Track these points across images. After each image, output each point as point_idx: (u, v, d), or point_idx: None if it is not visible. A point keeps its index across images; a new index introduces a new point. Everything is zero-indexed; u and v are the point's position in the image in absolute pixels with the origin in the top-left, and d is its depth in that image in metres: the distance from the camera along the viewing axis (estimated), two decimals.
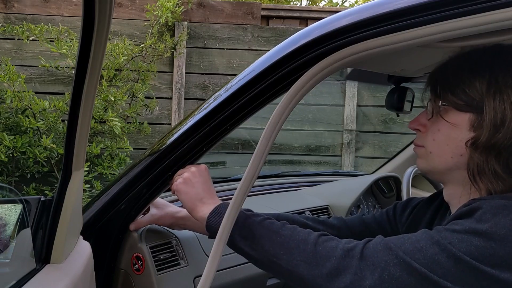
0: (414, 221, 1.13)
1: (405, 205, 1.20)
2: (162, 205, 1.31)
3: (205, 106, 1.16)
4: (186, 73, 4.05)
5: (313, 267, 0.90)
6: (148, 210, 1.30)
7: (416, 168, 1.91)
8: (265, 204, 1.77)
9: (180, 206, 1.29)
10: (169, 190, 1.20)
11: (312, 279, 0.90)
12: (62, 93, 3.73)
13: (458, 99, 0.92)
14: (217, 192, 1.75)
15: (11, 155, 3.26)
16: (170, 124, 4.07)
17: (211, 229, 1.04)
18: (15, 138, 3.22)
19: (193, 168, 1.13)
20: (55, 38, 3.52)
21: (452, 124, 0.93)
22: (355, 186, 2.00)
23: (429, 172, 1.01)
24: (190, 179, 1.11)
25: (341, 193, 1.96)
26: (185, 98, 4.06)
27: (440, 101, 0.95)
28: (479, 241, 0.80)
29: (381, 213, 1.26)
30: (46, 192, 3.50)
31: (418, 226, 1.10)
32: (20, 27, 3.53)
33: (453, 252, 0.81)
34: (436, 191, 1.18)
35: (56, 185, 3.10)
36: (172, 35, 3.97)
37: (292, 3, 6.03)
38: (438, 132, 0.96)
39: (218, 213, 1.04)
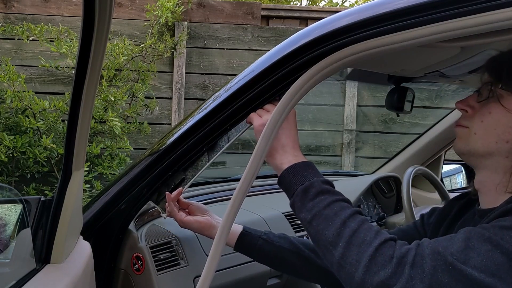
0: (439, 220, 1.12)
1: (433, 210, 1.20)
2: (207, 214, 1.28)
3: (205, 106, 1.16)
4: (186, 73, 4.05)
5: (367, 272, 0.85)
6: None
7: (416, 168, 1.92)
8: (265, 204, 1.77)
9: None
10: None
11: (360, 282, 0.85)
12: (62, 93, 3.73)
13: None
14: (217, 192, 1.76)
15: (11, 155, 3.26)
16: (170, 124, 4.07)
17: (282, 185, 0.99)
18: (15, 138, 3.22)
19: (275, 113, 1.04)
20: (55, 38, 3.52)
21: (506, 109, 0.92)
22: (355, 186, 2.00)
23: (467, 153, 0.99)
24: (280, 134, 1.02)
25: None
26: (185, 98, 4.05)
27: (501, 85, 0.93)
28: None
29: (408, 225, 1.24)
30: (46, 192, 3.50)
31: (442, 223, 1.09)
32: (20, 27, 3.53)
33: (506, 247, 0.79)
34: (436, 191, 1.18)
35: (56, 185, 3.10)
36: (172, 35, 3.97)
37: (292, 3, 6.03)
38: (489, 114, 0.94)
39: (294, 172, 0.97)
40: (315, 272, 1.26)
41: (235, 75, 1.16)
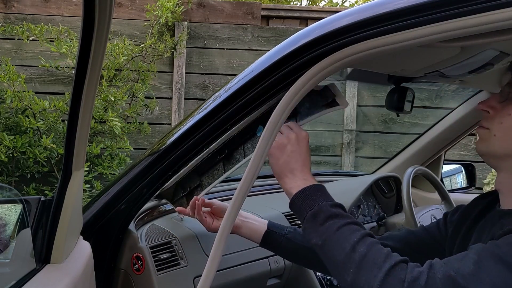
0: (461, 219, 1.11)
1: (457, 208, 1.19)
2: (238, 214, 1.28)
3: (205, 106, 1.16)
4: (186, 73, 4.05)
5: None
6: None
7: (416, 168, 1.92)
8: (265, 204, 1.77)
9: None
10: None
11: None
12: (62, 93, 3.73)
13: None
14: (217, 192, 1.76)
15: (11, 155, 3.26)
16: (170, 124, 4.07)
17: (294, 210, 1.00)
18: (15, 138, 3.22)
19: (293, 135, 1.04)
20: (55, 38, 3.52)
21: None
22: (355, 186, 2.00)
23: (487, 155, 0.99)
24: (286, 145, 1.03)
25: (341, 193, 1.96)
26: (185, 98, 4.05)
27: None
28: None
29: (431, 224, 1.24)
30: (46, 192, 3.50)
31: (464, 222, 1.08)
32: (20, 27, 3.53)
33: None
34: (436, 191, 1.18)
35: (56, 185, 3.10)
36: (172, 35, 3.97)
37: (292, 3, 6.03)
38: (508, 116, 0.94)
39: (304, 196, 0.98)
40: None
41: (235, 75, 1.16)
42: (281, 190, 1.03)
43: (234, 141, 1.22)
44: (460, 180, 2.41)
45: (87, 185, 3.32)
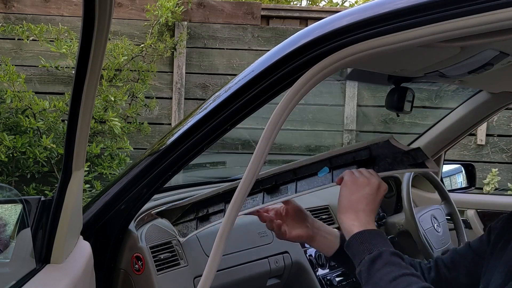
0: (505, 225, 1.10)
1: (501, 217, 1.16)
2: (306, 221, 1.20)
3: (205, 106, 1.16)
4: (186, 73, 4.05)
5: None
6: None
7: None
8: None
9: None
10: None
11: None
12: (62, 93, 3.73)
13: None
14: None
15: (11, 155, 3.26)
16: (170, 124, 4.07)
17: (349, 251, 0.99)
18: (15, 138, 3.22)
19: (375, 181, 1.04)
20: (55, 38, 3.52)
21: None
22: None
23: None
24: (365, 186, 1.03)
25: None
26: (185, 98, 4.05)
27: None
28: None
29: (475, 240, 1.20)
30: (46, 192, 3.50)
31: (508, 227, 1.07)
32: (20, 27, 3.53)
33: None
34: (436, 191, 1.18)
35: (56, 185, 3.10)
36: (172, 35, 3.97)
37: (292, 3, 6.03)
38: None
39: (363, 238, 0.96)
40: None
41: (235, 75, 1.16)
42: None
43: (286, 175, 1.19)
44: (460, 180, 2.40)
45: (87, 185, 3.32)
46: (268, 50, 1.08)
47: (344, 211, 1.02)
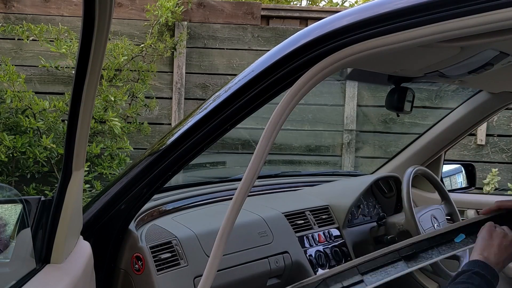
0: None
1: None
2: None
3: (205, 106, 1.16)
4: (186, 73, 4.05)
5: None
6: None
7: (416, 168, 1.92)
8: (265, 204, 1.77)
9: None
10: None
11: None
12: (62, 93, 3.73)
13: None
14: (217, 192, 1.76)
15: (11, 155, 3.26)
16: (170, 124, 4.07)
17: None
18: (15, 138, 3.22)
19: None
20: (55, 38, 3.52)
21: None
22: (355, 186, 2.00)
23: None
24: (508, 247, 1.12)
25: (341, 193, 1.96)
26: (185, 98, 4.06)
27: None
28: None
29: None
30: (46, 192, 3.50)
31: None
32: (20, 27, 3.53)
33: None
34: (436, 191, 1.18)
35: (56, 185, 3.10)
36: (172, 35, 3.97)
37: (292, 3, 6.03)
38: None
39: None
40: None
41: (235, 75, 1.16)
42: (281, 190, 1.02)
43: (422, 244, 1.24)
44: (460, 180, 2.41)
45: (87, 185, 3.32)
46: (268, 50, 1.08)
47: (480, 248, 1.12)
